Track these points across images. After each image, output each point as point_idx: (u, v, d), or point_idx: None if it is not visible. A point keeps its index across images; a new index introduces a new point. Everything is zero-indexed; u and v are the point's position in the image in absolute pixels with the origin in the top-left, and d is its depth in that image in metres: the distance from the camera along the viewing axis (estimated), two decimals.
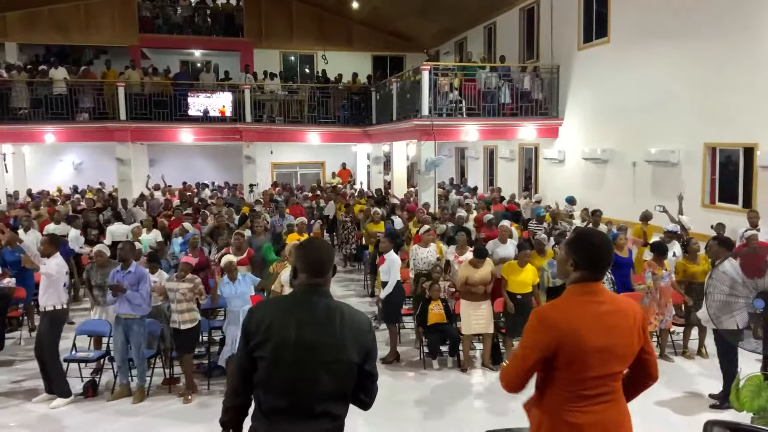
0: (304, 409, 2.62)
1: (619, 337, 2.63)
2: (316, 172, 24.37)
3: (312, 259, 2.76)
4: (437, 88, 14.36)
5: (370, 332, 2.78)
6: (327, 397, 2.64)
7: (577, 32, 14.25)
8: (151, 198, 16.25)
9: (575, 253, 2.71)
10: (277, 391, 2.64)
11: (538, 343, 2.63)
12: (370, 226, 11.73)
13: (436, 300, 7.76)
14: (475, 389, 7.07)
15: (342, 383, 2.68)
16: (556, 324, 2.61)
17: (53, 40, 21.57)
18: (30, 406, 6.60)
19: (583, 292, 2.69)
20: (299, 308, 2.69)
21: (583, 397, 2.62)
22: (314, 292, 2.73)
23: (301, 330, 2.62)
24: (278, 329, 2.63)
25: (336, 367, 2.64)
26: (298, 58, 24.13)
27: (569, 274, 2.75)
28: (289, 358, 2.61)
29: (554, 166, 15.41)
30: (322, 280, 2.74)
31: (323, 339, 2.63)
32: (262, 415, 2.67)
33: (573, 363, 2.59)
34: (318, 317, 2.66)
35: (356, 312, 2.83)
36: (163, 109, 17.46)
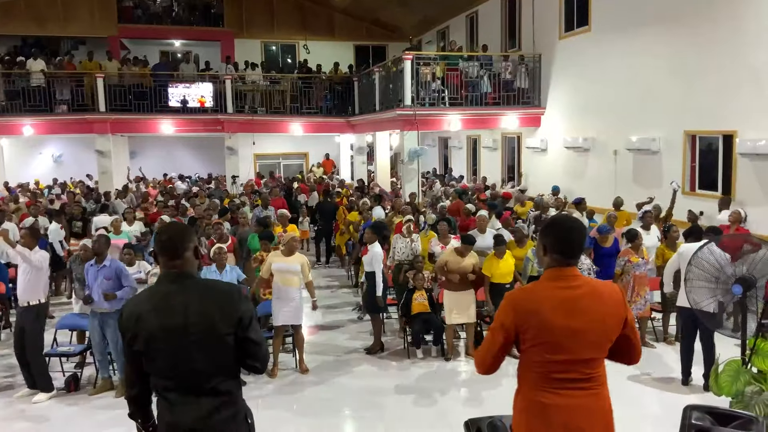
0: (190, 388, 2.72)
1: (591, 321, 2.64)
2: (299, 163, 24.27)
3: (163, 242, 2.82)
4: (419, 78, 14.33)
5: (237, 301, 2.81)
6: (209, 375, 2.73)
7: (559, 21, 14.28)
8: (135, 190, 16.11)
9: (546, 239, 2.76)
10: (162, 376, 2.75)
11: (502, 323, 2.70)
12: (350, 216, 11.73)
13: (420, 290, 7.78)
14: (458, 378, 7.12)
15: (218, 359, 2.74)
16: (520, 304, 2.68)
17: (30, 30, 21.20)
18: (12, 401, 6.54)
19: (555, 276, 2.72)
20: (159, 296, 2.77)
21: (555, 380, 2.65)
22: (171, 277, 2.79)
23: (164, 316, 2.70)
24: (144, 321, 2.72)
25: (206, 344, 2.71)
26: (279, 48, 23.96)
27: (543, 260, 2.81)
28: (161, 345, 2.70)
29: (537, 155, 15.47)
30: (180, 262, 2.79)
31: (186, 320, 2.69)
32: (158, 394, 2.80)
33: (537, 344, 2.63)
34: (177, 300, 2.73)
35: (219, 284, 2.93)
36: (143, 101, 17.27)
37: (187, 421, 2.70)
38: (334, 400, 6.54)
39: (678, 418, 3.57)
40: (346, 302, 10.33)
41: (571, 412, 2.64)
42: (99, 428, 5.95)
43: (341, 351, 7.98)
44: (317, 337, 8.58)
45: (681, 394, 6.35)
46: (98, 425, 6.00)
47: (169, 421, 2.76)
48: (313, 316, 9.15)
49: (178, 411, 2.72)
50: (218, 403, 2.74)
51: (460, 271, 7.34)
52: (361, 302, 9.02)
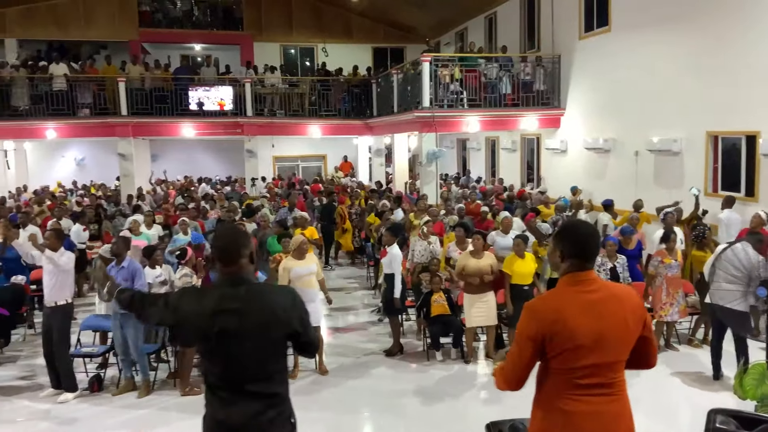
0: (241, 389, 2.77)
1: (612, 324, 2.62)
2: (317, 165, 24.36)
3: (220, 248, 2.87)
4: (438, 79, 14.32)
5: (292, 307, 2.87)
6: (259, 377, 2.79)
7: (578, 21, 14.18)
8: (154, 193, 16.27)
9: (561, 244, 2.75)
10: (214, 374, 2.82)
11: (527, 335, 2.66)
12: (369, 219, 11.75)
13: (438, 292, 7.77)
14: (478, 381, 7.08)
15: (269, 362, 2.82)
16: (542, 313, 2.65)
17: (53, 35, 21.51)
18: (37, 400, 6.64)
19: (573, 281, 2.71)
20: (214, 298, 2.80)
21: (578, 386, 2.62)
22: (228, 281, 2.84)
23: (222, 319, 2.74)
24: (197, 320, 2.79)
25: (259, 348, 2.77)
26: (298, 51, 24.08)
27: (559, 266, 2.78)
28: (214, 346, 2.76)
29: (556, 157, 15.37)
30: (236, 267, 2.83)
31: (241, 324, 2.74)
32: (209, 390, 2.85)
33: (564, 352, 2.60)
34: (233, 305, 2.76)
35: (275, 289, 3.01)
36: (164, 104, 17.44)
37: (236, 420, 2.76)
38: (353, 401, 6.56)
39: (702, 422, 3.53)
40: (365, 304, 10.34)
41: (595, 419, 2.61)
42: (122, 428, 6.01)
43: (360, 353, 7.99)
44: (336, 339, 8.60)
45: (706, 397, 6.26)
46: (121, 425, 6.07)
47: (217, 418, 2.82)
48: (333, 318, 9.18)
49: (228, 409, 2.77)
50: (267, 403, 2.80)
51: (479, 273, 7.31)
52: (381, 304, 9.03)
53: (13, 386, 7.06)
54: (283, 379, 2.91)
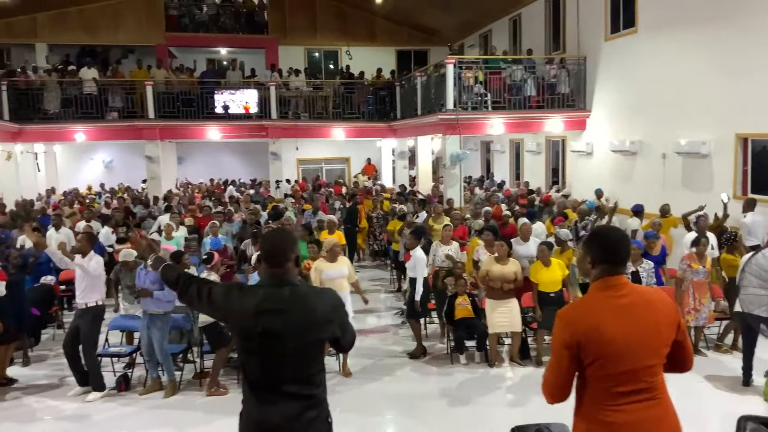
0: (280, 389, 2.80)
1: (644, 328, 2.60)
2: (341, 168, 24.45)
3: (267, 250, 2.89)
4: (462, 82, 14.28)
5: (332, 310, 2.89)
6: (298, 379, 2.81)
7: (604, 22, 14.04)
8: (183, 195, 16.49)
9: (592, 251, 2.73)
10: (254, 373, 2.85)
11: (562, 343, 2.64)
12: (391, 225, 11.74)
13: (462, 295, 7.74)
14: (502, 384, 7.03)
15: (309, 363, 2.84)
16: (576, 321, 2.63)
17: (82, 40, 21.90)
18: (65, 399, 6.75)
19: (604, 287, 2.69)
20: (258, 297, 2.83)
21: (618, 394, 2.59)
22: (273, 282, 2.86)
23: (265, 319, 2.76)
24: (240, 318, 2.82)
25: (299, 349, 2.79)
26: (322, 54, 24.20)
27: (589, 272, 2.77)
28: (255, 346, 2.79)
29: (582, 159, 15.23)
30: (282, 269, 2.86)
31: (283, 326, 2.76)
32: (248, 389, 2.87)
33: (600, 358, 2.57)
34: (276, 306, 2.79)
35: (318, 292, 2.99)
36: (191, 108, 17.65)
37: (274, 420, 2.78)
38: (377, 403, 6.56)
39: (732, 429, 3.47)
40: (389, 306, 10.35)
41: (638, 428, 2.58)
42: (148, 427, 6.09)
43: (384, 355, 8.00)
44: (360, 341, 8.51)
45: (735, 404, 6.15)
46: (147, 424, 6.15)
47: (255, 417, 2.84)
48: (356, 320, 9.18)
49: (266, 409, 2.80)
50: (305, 404, 2.82)
51: (502, 279, 7.26)
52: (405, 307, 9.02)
53: (43, 384, 7.19)
54: (321, 380, 2.92)
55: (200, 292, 3.00)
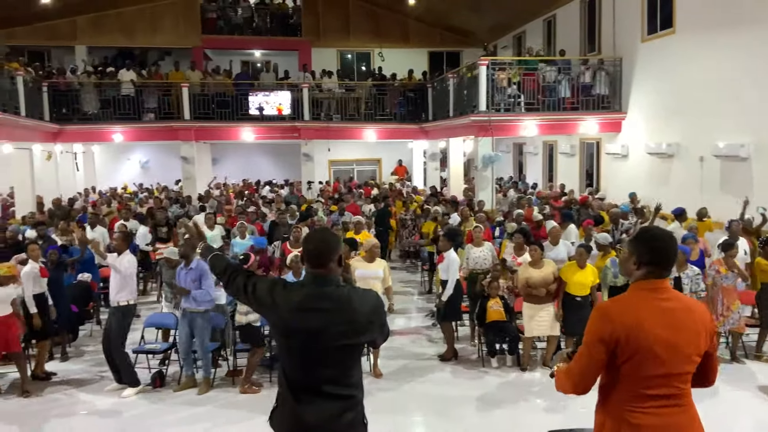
0: (319, 389, 2.79)
1: (685, 334, 2.57)
2: (372, 169, 24.50)
3: (310, 251, 2.89)
4: (495, 83, 14.20)
5: (372, 312, 2.89)
6: (337, 380, 2.80)
7: (641, 23, 13.83)
8: (220, 195, 16.73)
9: (639, 251, 2.68)
10: (293, 372, 2.84)
11: (600, 337, 2.58)
12: (424, 227, 11.70)
13: (495, 297, 7.68)
14: (535, 389, 6.96)
15: (348, 364, 2.85)
16: (617, 316, 2.58)
17: (120, 42, 22.35)
18: (101, 394, 6.89)
19: (647, 288, 2.65)
20: (300, 296, 2.83)
21: (646, 396, 2.55)
22: (315, 281, 2.85)
23: (307, 317, 2.77)
24: (282, 314, 2.83)
25: (338, 349, 2.78)
26: (354, 56, 24.30)
27: (633, 272, 2.71)
28: (296, 344, 2.79)
29: (617, 162, 15.01)
30: (325, 270, 2.85)
31: (323, 326, 2.75)
32: (286, 388, 2.85)
33: (635, 356, 2.54)
34: (317, 305, 2.79)
35: (363, 294, 2.94)
36: (225, 109, 17.88)
37: (311, 420, 2.77)
38: (407, 405, 6.55)
39: None
40: (420, 308, 10.34)
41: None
42: (182, 424, 6.18)
43: (415, 357, 7.98)
44: (391, 343, 8.58)
45: None
46: (181, 421, 6.24)
47: (293, 418, 2.83)
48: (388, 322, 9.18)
49: (304, 409, 2.79)
50: (343, 405, 2.82)
51: (544, 284, 7.17)
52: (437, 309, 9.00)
53: (80, 379, 7.35)
54: (359, 381, 2.91)
55: (246, 285, 3.02)
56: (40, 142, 16.34)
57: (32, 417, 6.35)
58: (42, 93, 16.46)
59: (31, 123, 14.98)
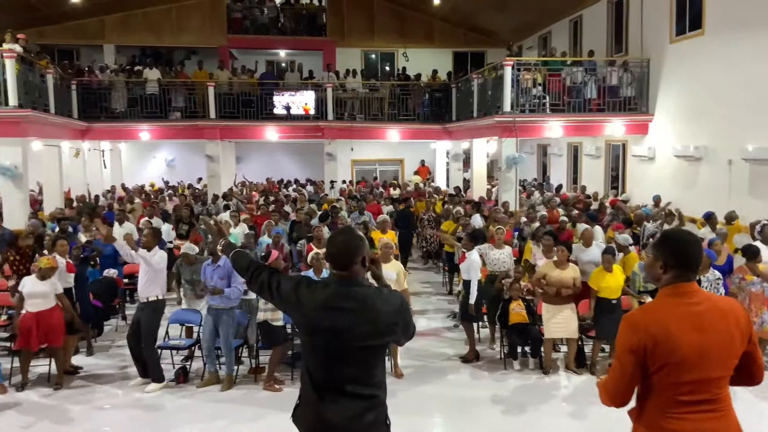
0: (347, 389, 2.78)
1: (716, 338, 2.52)
2: (395, 169, 24.51)
3: (333, 254, 2.88)
4: (520, 84, 14.11)
5: (397, 312, 2.87)
6: (360, 379, 2.80)
7: (669, 25, 13.64)
8: (240, 194, 16.88)
9: (664, 255, 2.64)
10: (314, 367, 2.85)
11: (629, 347, 2.56)
12: (444, 225, 11.67)
13: (516, 300, 7.64)
14: (557, 393, 6.90)
15: (371, 364, 2.84)
16: (645, 325, 2.54)
17: (147, 41, 22.61)
18: (126, 389, 6.99)
19: (675, 293, 2.60)
20: (330, 295, 2.82)
21: (681, 403, 2.52)
22: (339, 281, 2.85)
23: (332, 315, 2.76)
24: (307, 312, 2.83)
25: (362, 349, 2.78)
26: (378, 56, 24.32)
27: (660, 277, 2.67)
28: (319, 344, 2.79)
29: (643, 164, 14.83)
30: (348, 272, 2.85)
31: (348, 325, 2.75)
32: (310, 388, 2.84)
33: (666, 365, 2.50)
34: (342, 304, 2.78)
35: (388, 295, 2.93)
36: (250, 108, 18.00)
37: (334, 420, 2.77)
38: (428, 406, 6.54)
39: None
40: (441, 309, 10.30)
41: None
42: (205, 419, 6.24)
43: (436, 358, 7.97)
44: (412, 343, 8.47)
45: None
46: (204, 417, 6.30)
47: (316, 416, 2.83)
48: None
49: (327, 408, 2.79)
50: (366, 405, 2.81)
51: (559, 284, 7.13)
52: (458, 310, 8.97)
53: (104, 374, 7.46)
54: (383, 382, 2.90)
55: (270, 282, 3.01)
56: (69, 139, 16.62)
57: (59, 409, 6.47)
58: (71, 91, 16.72)
59: (60, 120, 15.22)
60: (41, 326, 6.78)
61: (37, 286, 6.84)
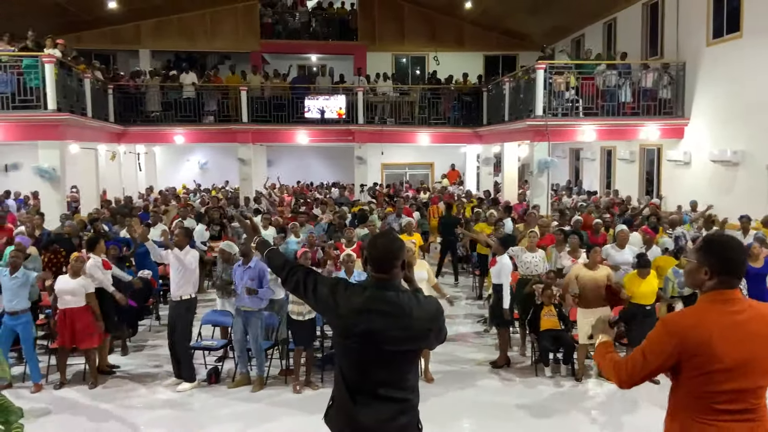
0: (376, 392, 2.78)
1: (759, 347, 2.45)
2: (425, 173, 24.47)
3: (375, 257, 2.86)
4: (552, 87, 13.98)
5: (433, 318, 2.87)
6: (395, 383, 2.80)
7: (706, 27, 13.38)
8: (269, 196, 17.00)
9: (709, 261, 2.56)
10: (347, 370, 2.85)
11: (661, 351, 2.52)
12: (479, 227, 11.59)
13: (548, 305, 7.55)
14: (590, 400, 6.80)
15: (406, 368, 2.84)
16: (684, 333, 2.48)
17: (181, 46, 22.99)
18: (158, 388, 7.08)
19: (718, 300, 2.54)
20: (367, 298, 2.81)
21: (717, 411, 2.46)
22: (379, 285, 2.83)
23: (368, 318, 2.75)
24: (344, 314, 2.82)
25: (397, 352, 2.77)
26: (409, 60, 24.33)
27: (703, 283, 2.59)
28: (354, 346, 2.79)
29: (679, 169, 14.55)
30: (389, 275, 2.83)
31: (388, 329, 2.74)
32: (344, 390, 2.84)
33: (705, 374, 2.45)
34: (385, 308, 2.77)
35: (424, 300, 2.91)
36: (282, 112, 18.15)
37: (367, 423, 2.77)
38: (457, 411, 6.50)
39: None
40: (471, 314, 10.24)
41: None
42: (234, 419, 6.29)
43: (466, 362, 7.91)
44: (442, 348, 8.40)
45: None
46: (233, 417, 6.36)
47: (349, 419, 2.83)
48: None
49: (360, 411, 2.79)
50: (399, 409, 2.82)
51: (594, 284, 7.02)
52: (488, 314, 8.90)
53: (138, 374, 7.57)
54: (415, 386, 2.89)
55: (306, 282, 3.00)
56: (105, 142, 16.94)
57: (93, 408, 6.58)
58: (107, 95, 17.07)
59: (97, 124, 15.53)
60: (71, 324, 6.90)
61: (68, 284, 6.97)
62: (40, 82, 12.56)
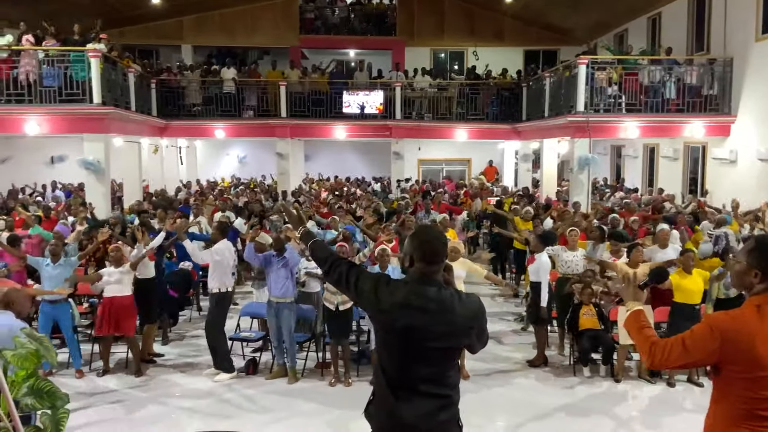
0: (417, 388, 2.77)
1: None
2: (461, 169, 24.33)
3: (427, 249, 2.81)
4: (594, 83, 13.73)
5: (476, 318, 2.86)
6: (436, 379, 2.78)
7: (755, 22, 12.96)
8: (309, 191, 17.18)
9: (761, 263, 2.48)
10: (388, 365, 2.84)
11: (704, 348, 2.47)
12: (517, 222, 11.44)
13: (587, 305, 7.43)
14: (630, 402, 6.69)
15: (447, 364, 2.82)
16: (729, 335, 2.43)
17: (221, 42, 23.27)
18: (196, 378, 7.21)
19: (766, 304, 2.46)
20: (409, 293, 2.78)
21: (761, 417, 2.40)
22: (422, 280, 2.80)
23: (409, 314, 2.73)
24: (385, 309, 2.80)
25: (439, 349, 2.76)
26: (448, 55, 24.19)
27: (752, 285, 2.52)
28: (395, 342, 2.77)
29: (724, 167, 14.16)
30: (436, 269, 2.81)
31: (429, 325, 2.73)
32: (385, 385, 2.82)
33: (748, 379, 2.39)
34: (427, 304, 2.74)
35: (466, 298, 2.89)
36: (320, 107, 18.25)
37: (408, 418, 2.76)
38: (492, 409, 6.46)
39: None
40: (509, 311, 10.16)
41: None
42: (267, 410, 6.37)
43: (502, 361, 7.86)
44: None
45: None
46: (267, 407, 6.43)
47: (390, 414, 2.82)
48: None
49: (400, 406, 2.78)
50: (439, 405, 2.81)
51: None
52: (525, 312, 8.82)
53: (177, 363, 7.73)
54: (456, 382, 2.88)
55: (348, 276, 2.98)
56: (148, 136, 17.29)
57: (131, 396, 6.73)
58: (150, 89, 17.39)
59: (140, 118, 15.86)
60: (113, 312, 7.05)
61: (112, 275, 7.15)
62: (86, 75, 12.86)
